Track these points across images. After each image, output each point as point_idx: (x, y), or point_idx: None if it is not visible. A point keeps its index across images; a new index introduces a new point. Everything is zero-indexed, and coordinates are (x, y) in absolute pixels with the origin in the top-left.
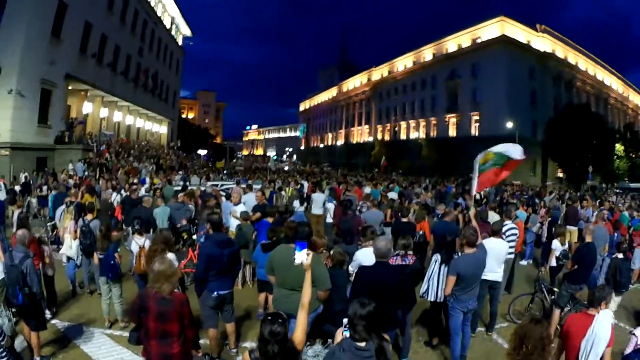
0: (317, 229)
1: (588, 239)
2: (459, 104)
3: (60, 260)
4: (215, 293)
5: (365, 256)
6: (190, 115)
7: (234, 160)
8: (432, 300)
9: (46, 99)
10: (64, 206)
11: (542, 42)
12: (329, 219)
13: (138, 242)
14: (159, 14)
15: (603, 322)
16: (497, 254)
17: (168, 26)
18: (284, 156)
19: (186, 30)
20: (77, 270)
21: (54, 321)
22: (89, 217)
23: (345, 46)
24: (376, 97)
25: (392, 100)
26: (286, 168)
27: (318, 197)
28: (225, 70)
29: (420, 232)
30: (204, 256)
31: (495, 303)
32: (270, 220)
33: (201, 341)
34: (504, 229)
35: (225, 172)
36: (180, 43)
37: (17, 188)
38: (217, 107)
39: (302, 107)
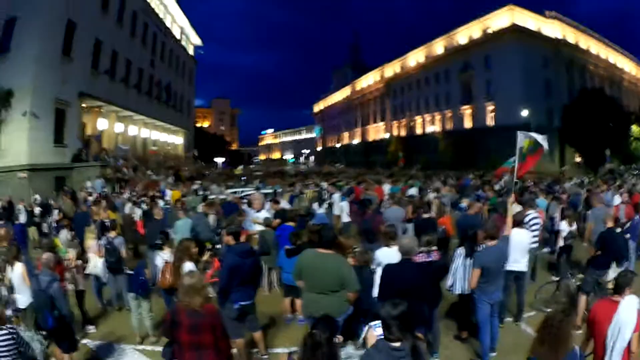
0: (339, 229)
1: (609, 224)
2: (473, 95)
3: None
4: (237, 304)
5: (386, 256)
6: (206, 124)
7: (252, 166)
8: (459, 293)
9: (61, 118)
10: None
11: (552, 28)
12: (346, 218)
13: (163, 257)
14: (168, 25)
15: (628, 308)
16: (520, 245)
17: (178, 37)
18: (301, 158)
19: (196, 40)
20: (104, 287)
21: (85, 341)
22: (112, 234)
23: (357, 45)
24: (390, 93)
25: (406, 96)
26: (302, 168)
27: (337, 198)
28: (238, 76)
29: (442, 228)
30: (227, 268)
31: (522, 293)
32: (292, 224)
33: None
34: (526, 219)
35: (243, 178)
36: (191, 53)
37: (37, 210)
38: (232, 114)
39: (316, 109)
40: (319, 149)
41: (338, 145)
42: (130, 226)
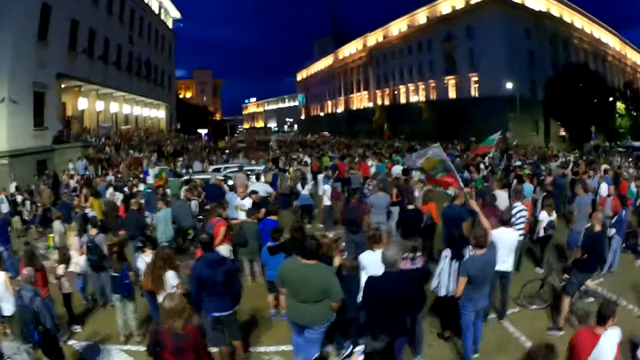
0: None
1: (597, 227)
2: (457, 65)
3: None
4: (211, 315)
5: (370, 260)
6: (188, 95)
7: (236, 135)
8: (443, 295)
9: (40, 101)
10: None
11: (537, 1)
12: (327, 201)
13: (145, 259)
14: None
15: (609, 342)
16: (507, 245)
17: (157, 11)
18: (285, 127)
19: (175, 13)
20: (87, 284)
21: (70, 342)
22: (93, 232)
23: (338, 14)
24: (373, 62)
25: (389, 65)
26: (286, 136)
27: (320, 179)
28: (220, 48)
29: (428, 214)
30: (194, 278)
31: (506, 291)
32: (274, 218)
33: None
34: (513, 211)
35: (227, 151)
36: (170, 26)
37: (20, 198)
38: (214, 84)
39: (299, 77)
40: (302, 117)
41: (322, 114)
42: (113, 212)
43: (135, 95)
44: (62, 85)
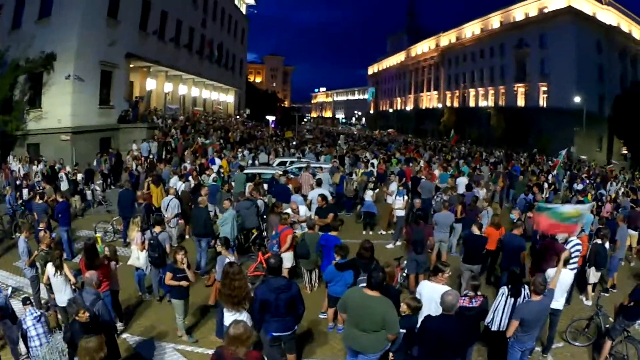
0: (388, 219)
1: None
2: (527, 73)
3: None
4: (270, 335)
5: (428, 290)
6: (258, 80)
7: (303, 122)
8: (495, 330)
9: (107, 79)
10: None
11: (607, 15)
12: (400, 213)
13: (230, 258)
14: None
15: None
16: (562, 285)
17: None
18: (353, 119)
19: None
20: (145, 277)
21: (124, 335)
22: (157, 229)
23: (414, 10)
24: (445, 63)
25: (460, 67)
26: (355, 132)
27: (393, 188)
28: (292, 33)
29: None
30: (257, 301)
31: (554, 328)
32: (335, 234)
33: None
34: (568, 245)
35: (294, 143)
36: (244, 12)
37: (80, 177)
38: (285, 71)
39: (370, 71)
40: (371, 111)
41: (390, 110)
42: (188, 203)
43: (206, 79)
44: (131, 65)
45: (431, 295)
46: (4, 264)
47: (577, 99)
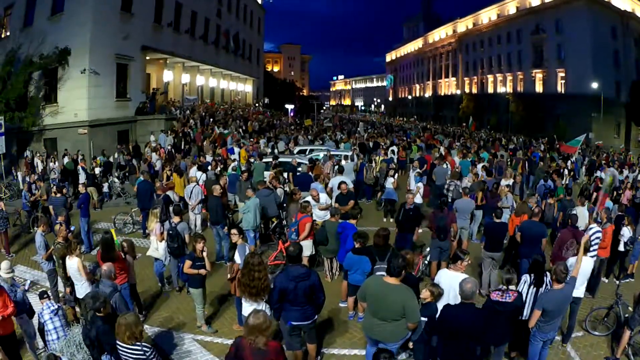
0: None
1: None
2: (544, 59)
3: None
4: (290, 324)
5: (447, 278)
6: (275, 69)
7: (323, 110)
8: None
9: (123, 72)
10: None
11: (622, 0)
12: (418, 199)
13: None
14: None
15: None
16: (583, 273)
17: None
18: (372, 106)
19: None
20: (165, 268)
21: (144, 326)
22: (175, 219)
23: None
24: (462, 49)
25: (478, 53)
26: (374, 119)
27: (412, 177)
28: (308, 22)
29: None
30: (277, 290)
31: (575, 317)
32: (353, 222)
33: None
34: (589, 232)
35: (314, 129)
36: (259, 1)
37: (97, 170)
38: (302, 60)
39: (388, 58)
40: (390, 98)
41: (409, 97)
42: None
43: (223, 69)
44: (147, 57)
45: (450, 283)
46: (22, 258)
47: (594, 85)
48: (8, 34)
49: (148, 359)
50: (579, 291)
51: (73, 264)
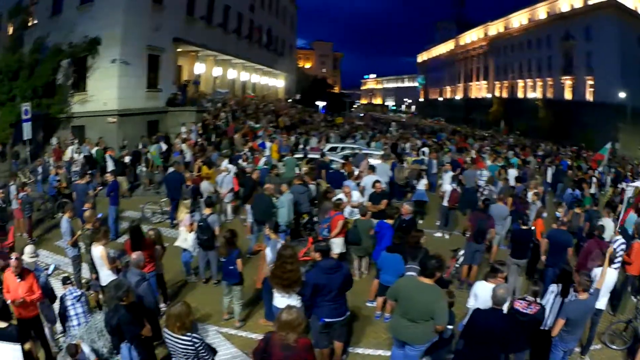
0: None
1: None
2: (574, 66)
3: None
4: (322, 320)
5: (483, 291)
6: (307, 65)
7: (354, 107)
8: (541, 328)
9: (154, 63)
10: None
11: None
12: (445, 202)
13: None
14: None
15: None
16: (607, 285)
17: None
18: (403, 106)
19: None
20: (193, 259)
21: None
22: (207, 211)
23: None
24: (493, 52)
25: (509, 57)
26: (404, 119)
27: (446, 179)
28: (340, 20)
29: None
30: (310, 285)
31: (595, 329)
32: (390, 222)
33: None
34: (614, 244)
35: (345, 127)
36: None
37: (127, 159)
38: (334, 57)
39: (420, 59)
40: (420, 99)
41: (440, 99)
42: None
43: (255, 64)
44: (179, 50)
45: (487, 296)
46: (45, 243)
47: (621, 95)
48: (36, 22)
49: (197, 351)
50: (601, 303)
51: (97, 252)
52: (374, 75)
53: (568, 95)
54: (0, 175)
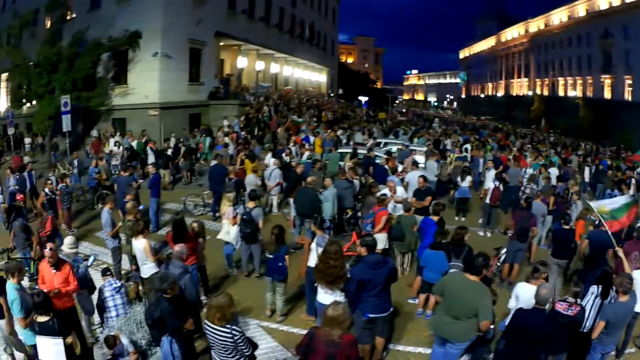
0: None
1: None
2: (613, 64)
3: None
4: (366, 316)
5: (524, 292)
6: (349, 60)
7: (396, 103)
8: (580, 330)
9: (196, 57)
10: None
11: None
12: (487, 200)
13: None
14: None
15: None
16: None
17: None
18: (445, 102)
19: None
20: (235, 252)
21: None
22: (250, 204)
23: None
24: (534, 49)
25: (549, 54)
26: (446, 115)
27: (489, 176)
28: (382, 15)
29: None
30: (355, 280)
31: (631, 331)
32: (435, 219)
33: None
34: None
35: (387, 122)
36: None
37: (170, 152)
38: (376, 52)
39: (462, 55)
40: (462, 96)
41: (482, 95)
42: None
43: (298, 58)
44: (221, 43)
45: (529, 298)
46: (85, 234)
47: None
48: (74, 15)
49: (235, 343)
50: (639, 306)
51: (140, 244)
52: (416, 71)
53: (607, 94)
54: (39, 166)
